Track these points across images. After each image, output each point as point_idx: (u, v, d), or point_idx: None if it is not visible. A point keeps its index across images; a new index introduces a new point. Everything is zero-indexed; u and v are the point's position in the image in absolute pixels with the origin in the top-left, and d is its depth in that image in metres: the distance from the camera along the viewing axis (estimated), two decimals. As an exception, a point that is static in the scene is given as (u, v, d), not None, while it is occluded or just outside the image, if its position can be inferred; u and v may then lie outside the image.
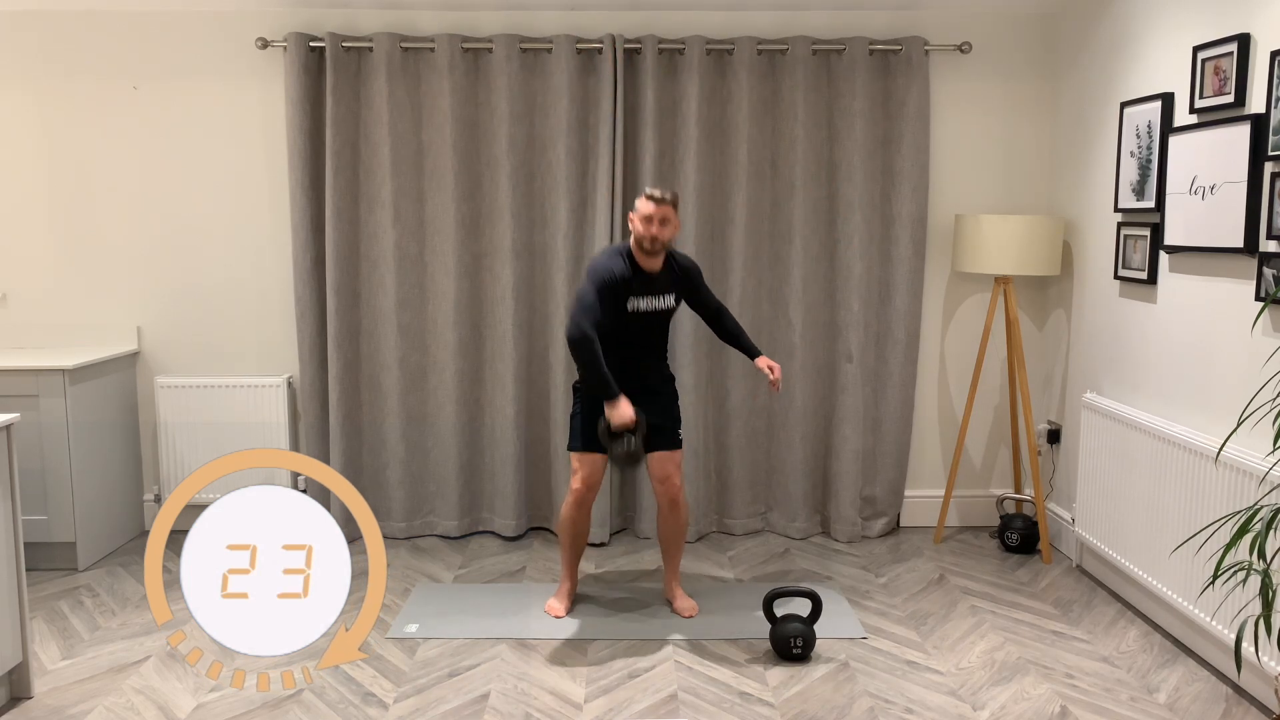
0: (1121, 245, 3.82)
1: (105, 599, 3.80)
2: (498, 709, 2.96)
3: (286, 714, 2.93)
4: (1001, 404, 4.61)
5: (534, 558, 4.26)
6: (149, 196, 4.43)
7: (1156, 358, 3.60)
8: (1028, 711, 2.95)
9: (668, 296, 3.51)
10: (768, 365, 3.57)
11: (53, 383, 3.98)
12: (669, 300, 3.51)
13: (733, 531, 4.56)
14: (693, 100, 4.25)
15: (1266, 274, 2.95)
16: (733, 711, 2.95)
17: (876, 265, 4.41)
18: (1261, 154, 2.99)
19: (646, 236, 3.39)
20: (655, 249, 3.41)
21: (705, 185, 4.33)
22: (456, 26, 4.32)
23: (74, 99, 4.37)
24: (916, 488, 4.67)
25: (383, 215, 4.30)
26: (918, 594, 3.86)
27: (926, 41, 4.32)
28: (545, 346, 4.42)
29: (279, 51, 4.34)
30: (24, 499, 3.96)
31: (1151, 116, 3.59)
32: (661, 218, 3.38)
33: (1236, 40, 3.09)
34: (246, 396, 4.41)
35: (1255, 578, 2.69)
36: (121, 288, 4.48)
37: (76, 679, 3.15)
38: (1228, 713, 2.94)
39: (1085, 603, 3.77)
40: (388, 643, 3.40)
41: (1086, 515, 3.96)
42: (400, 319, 4.35)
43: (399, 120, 4.26)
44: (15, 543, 2.95)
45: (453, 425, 4.39)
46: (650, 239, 3.39)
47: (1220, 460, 3.03)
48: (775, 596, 3.34)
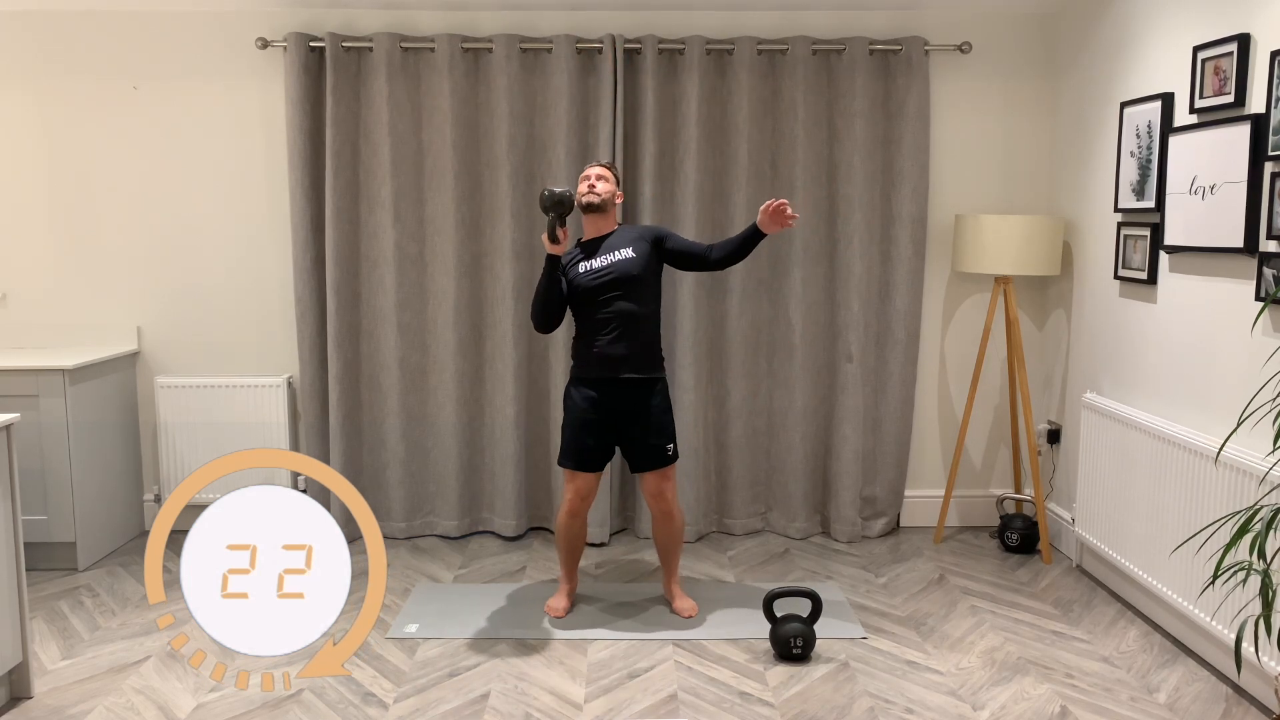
0: (1121, 245, 3.82)
1: (105, 599, 3.80)
2: (498, 709, 2.96)
3: (286, 714, 2.93)
4: (1001, 404, 4.61)
5: (534, 558, 4.26)
6: (149, 196, 4.43)
7: (1156, 358, 3.60)
8: (1028, 711, 2.94)
9: (624, 250, 3.45)
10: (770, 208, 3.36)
11: (53, 383, 3.98)
12: (627, 253, 3.44)
13: (733, 531, 4.56)
14: (693, 100, 4.25)
15: (1266, 274, 2.95)
16: (733, 711, 2.95)
17: (876, 265, 4.41)
18: (1261, 154, 2.99)
19: (583, 192, 3.49)
20: (596, 200, 3.47)
21: (705, 185, 4.33)
22: (456, 26, 4.32)
23: (74, 99, 4.37)
24: (916, 488, 4.67)
25: (383, 215, 4.30)
26: (918, 594, 3.86)
27: (926, 41, 4.31)
28: (545, 346, 4.41)
29: (279, 51, 4.34)
30: (24, 499, 3.96)
31: (1151, 116, 3.59)
32: (597, 175, 3.51)
33: (1236, 40, 3.09)
34: (246, 396, 4.41)
35: (1255, 578, 2.69)
36: (121, 288, 4.48)
37: (76, 679, 3.15)
38: (1228, 713, 2.94)
39: (1085, 603, 3.77)
40: (388, 643, 3.40)
41: (1086, 515, 3.96)
42: (400, 319, 4.35)
43: (399, 120, 4.26)
44: (15, 543, 2.95)
45: (453, 425, 4.39)
46: (588, 190, 3.48)
47: (1220, 460, 3.03)
48: (775, 596, 3.34)
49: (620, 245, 3.47)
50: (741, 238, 3.47)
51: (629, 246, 3.46)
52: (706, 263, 3.54)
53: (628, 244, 3.47)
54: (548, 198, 3.29)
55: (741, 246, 3.48)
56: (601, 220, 3.51)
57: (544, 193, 3.30)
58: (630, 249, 3.46)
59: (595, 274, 3.42)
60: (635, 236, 3.51)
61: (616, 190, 3.57)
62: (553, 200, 3.29)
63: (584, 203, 3.48)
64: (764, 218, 3.38)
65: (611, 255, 3.44)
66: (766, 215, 3.37)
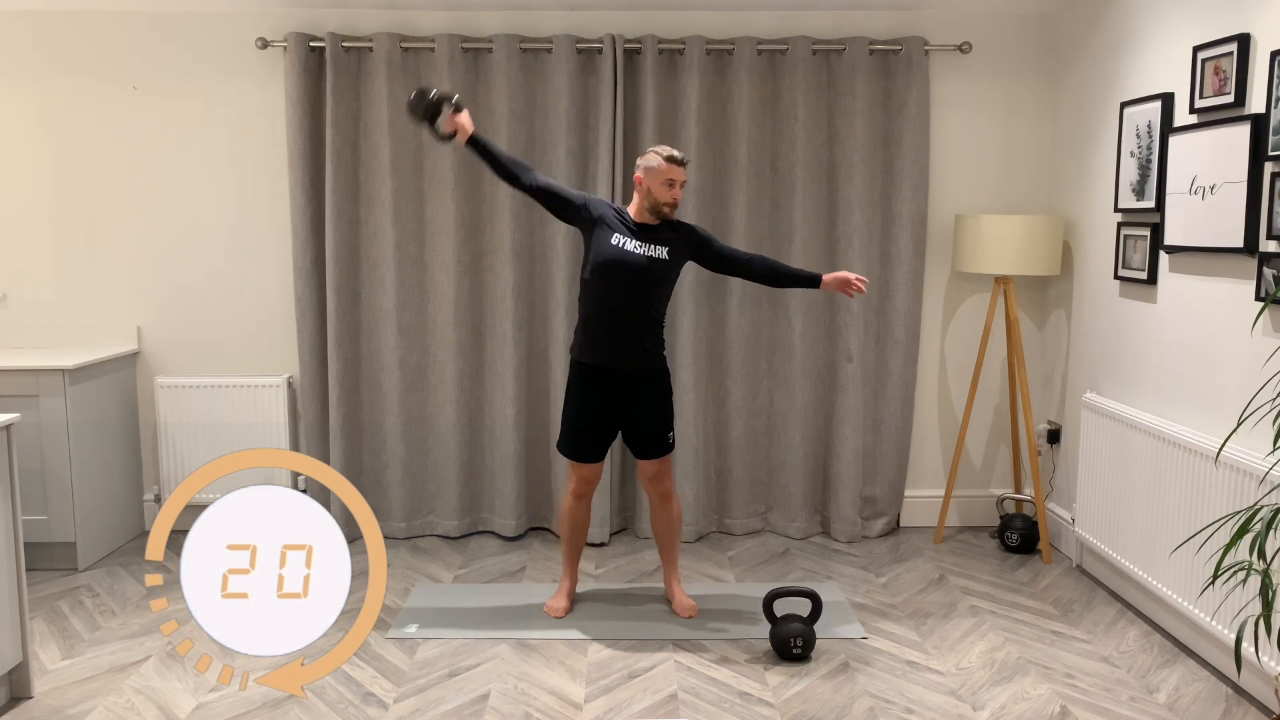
0: (1121, 245, 3.82)
1: (105, 599, 3.80)
2: (498, 709, 2.96)
3: (286, 714, 2.93)
4: (1001, 404, 4.61)
5: (534, 558, 4.26)
6: (149, 197, 4.43)
7: (1156, 358, 3.60)
8: (1028, 711, 2.94)
9: (660, 248, 3.38)
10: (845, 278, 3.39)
11: (53, 383, 3.98)
12: (662, 252, 3.38)
13: (733, 531, 4.56)
14: (693, 100, 4.25)
15: (1266, 274, 2.95)
16: (733, 711, 2.95)
17: (876, 265, 4.41)
18: (1261, 154, 2.99)
19: (668, 201, 3.35)
20: (672, 215, 3.39)
21: (705, 185, 4.33)
22: (456, 26, 4.32)
23: (74, 99, 4.37)
24: (916, 488, 4.67)
25: (383, 215, 4.30)
26: (918, 594, 3.86)
27: (926, 42, 4.32)
28: (545, 346, 4.42)
29: (279, 51, 4.34)
30: (24, 499, 3.96)
31: (1151, 116, 3.59)
32: (682, 181, 3.38)
33: (1236, 40, 3.09)
34: (246, 396, 4.41)
35: (1255, 578, 2.69)
36: (121, 288, 4.48)
37: (76, 679, 3.15)
38: (1228, 713, 2.94)
39: (1085, 603, 3.77)
40: (388, 643, 3.40)
41: (1086, 515, 3.96)
42: (400, 319, 4.35)
43: (399, 120, 4.26)
44: (15, 543, 2.95)
45: (453, 425, 4.39)
46: (672, 203, 3.35)
47: (1220, 460, 3.03)
48: (775, 596, 3.34)
49: (659, 242, 3.40)
50: (795, 275, 3.50)
51: (667, 248, 3.41)
52: (743, 270, 3.51)
53: (666, 243, 3.41)
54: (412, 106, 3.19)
55: (790, 280, 3.51)
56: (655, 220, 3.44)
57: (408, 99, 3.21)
58: (667, 250, 3.40)
59: (629, 256, 3.34)
60: (674, 239, 3.43)
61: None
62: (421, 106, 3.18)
63: (664, 212, 3.38)
64: (833, 279, 3.41)
65: (650, 249, 3.37)
66: (837, 279, 3.40)
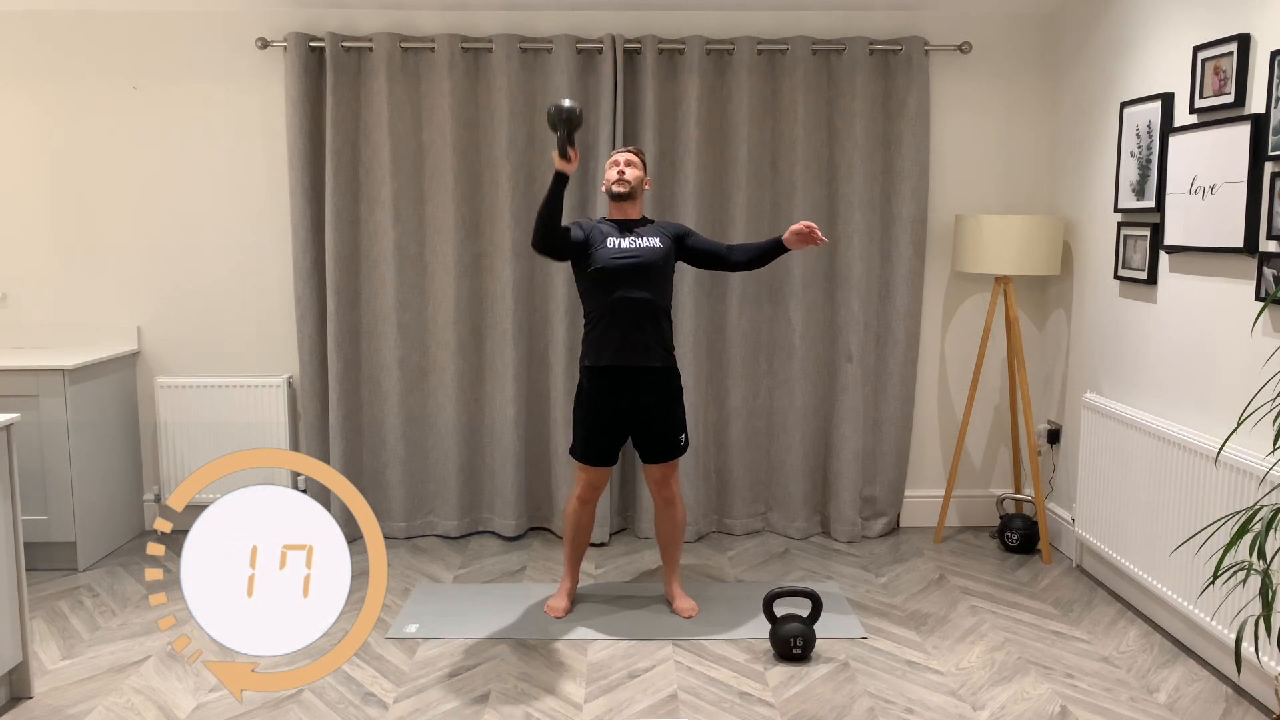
0: (1121, 245, 3.82)
1: (105, 599, 3.80)
2: (498, 709, 2.96)
3: (286, 714, 2.93)
4: (1001, 404, 4.61)
5: (534, 558, 4.26)
6: (149, 196, 4.43)
7: (1156, 358, 3.60)
8: (1028, 711, 2.95)
9: (650, 238, 3.44)
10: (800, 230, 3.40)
11: (53, 383, 3.98)
12: (653, 240, 3.43)
13: (733, 531, 4.56)
14: (693, 100, 4.25)
15: (1266, 274, 2.95)
16: (733, 711, 2.95)
17: (876, 265, 4.41)
18: (1261, 154, 2.99)
19: (612, 179, 3.46)
20: (624, 189, 3.44)
21: (705, 185, 4.33)
22: (456, 26, 4.32)
23: (74, 99, 4.37)
24: (916, 488, 4.67)
25: (383, 215, 4.30)
26: (918, 594, 3.86)
27: (926, 41, 4.32)
28: (545, 346, 4.42)
29: (279, 51, 4.34)
30: (24, 499, 3.96)
31: (1151, 116, 3.59)
32: (626, 160, 3.48)
33: (1236, 40, 3.09)
34: (246, 396, 4.41)
35: (1255, 578, 2.69)
36: (121, 288, 4.48)
37: (76, 679, 3.15)
38: (1228, 713, 2.94)
39: (1085, 603, 3.77)
40: (388, 643, 3.40)
41: (1086, 515, 3.96)
42: (400, 319, 4.35)
43: (399, 120, 4.26)
44: (15, 543, 2.95)
45: (453, 425, 4.39)
46: (617, 177, 3.45)
47: (1220, 460, 3.03)
48: (775, 596, 3.35)
49: (650, 234, 3.46)
50: (764, 248, 3.51)
51: (657, 237, 3.46)
52: (724, 263, 3.55)
53: (655, 233, 3.47)
54: (555, 113, 3.19)
55: (762, 256, 3.52)
56: (629, 206, 3.49)
57: (551, 108, 3.21)
58: (658, 239, 3.45)
59: (624, 255, 3.38)
60: (661, 230, 3.51)
61: (645, 177, 3.55)
62: (560, 116, 3.18)
63: (613, 191, 3.46)
64: (791, 235, 3.42)
65: (641, 241, 3.42)
66: (794, 234, 3.41)
